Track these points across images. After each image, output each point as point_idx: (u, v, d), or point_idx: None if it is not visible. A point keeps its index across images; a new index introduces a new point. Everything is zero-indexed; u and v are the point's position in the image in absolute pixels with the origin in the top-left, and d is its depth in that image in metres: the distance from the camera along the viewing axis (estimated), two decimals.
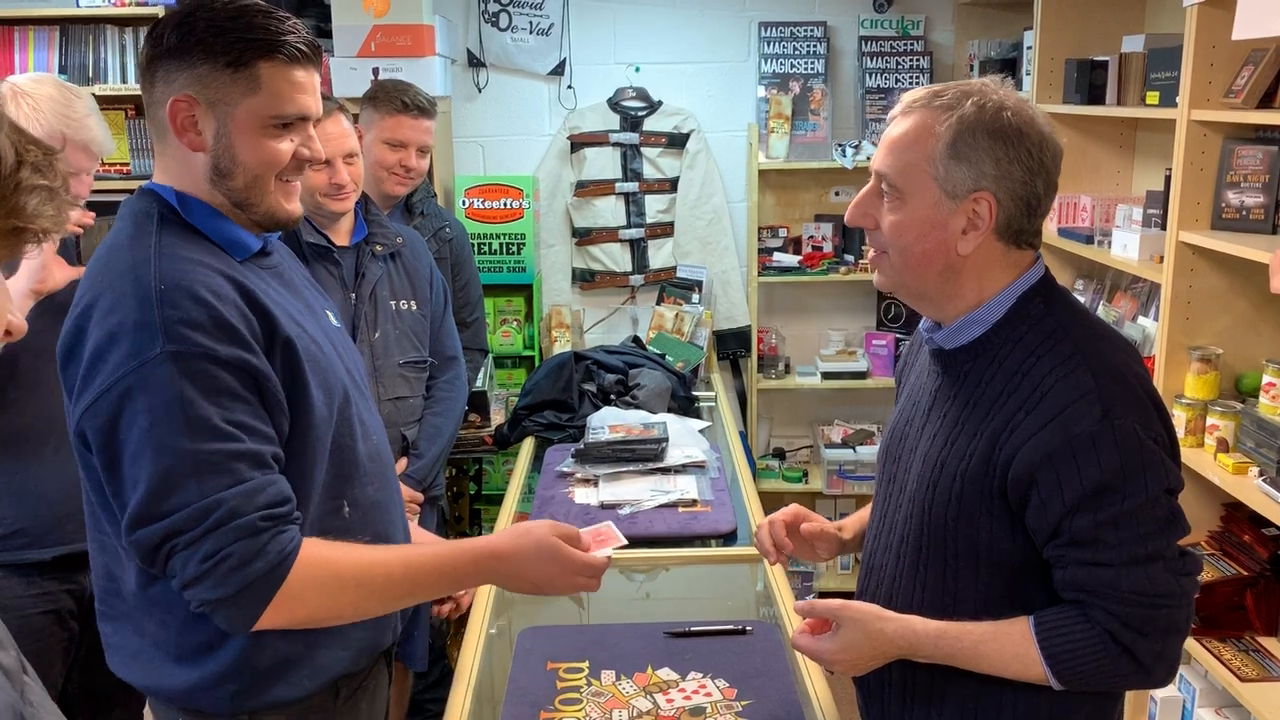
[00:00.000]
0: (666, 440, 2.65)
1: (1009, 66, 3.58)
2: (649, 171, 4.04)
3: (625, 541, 1.52)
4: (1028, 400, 1.28)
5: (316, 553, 1.32)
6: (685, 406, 3.24)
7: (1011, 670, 1.31)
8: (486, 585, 1.90)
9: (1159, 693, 2.50)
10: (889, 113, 1.39)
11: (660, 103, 4.01)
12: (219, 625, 1.32)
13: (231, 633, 1.34)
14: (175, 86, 1.34)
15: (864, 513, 1.73)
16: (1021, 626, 1.31)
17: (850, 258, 4.00)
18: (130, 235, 1.36)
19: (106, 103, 3.11)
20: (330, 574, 1.33)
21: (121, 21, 3.67)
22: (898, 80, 3.95)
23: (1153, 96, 2.67)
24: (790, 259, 4.02)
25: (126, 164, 3.70)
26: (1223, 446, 2.38)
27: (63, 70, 3.63)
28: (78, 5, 3.61)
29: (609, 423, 2.76)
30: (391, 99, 2.77)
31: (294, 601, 1.30)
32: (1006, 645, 1.30)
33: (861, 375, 4.03)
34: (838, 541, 1.66)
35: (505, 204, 3.85)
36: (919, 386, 1.48)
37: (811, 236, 4.06)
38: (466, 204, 3.83)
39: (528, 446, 3.02)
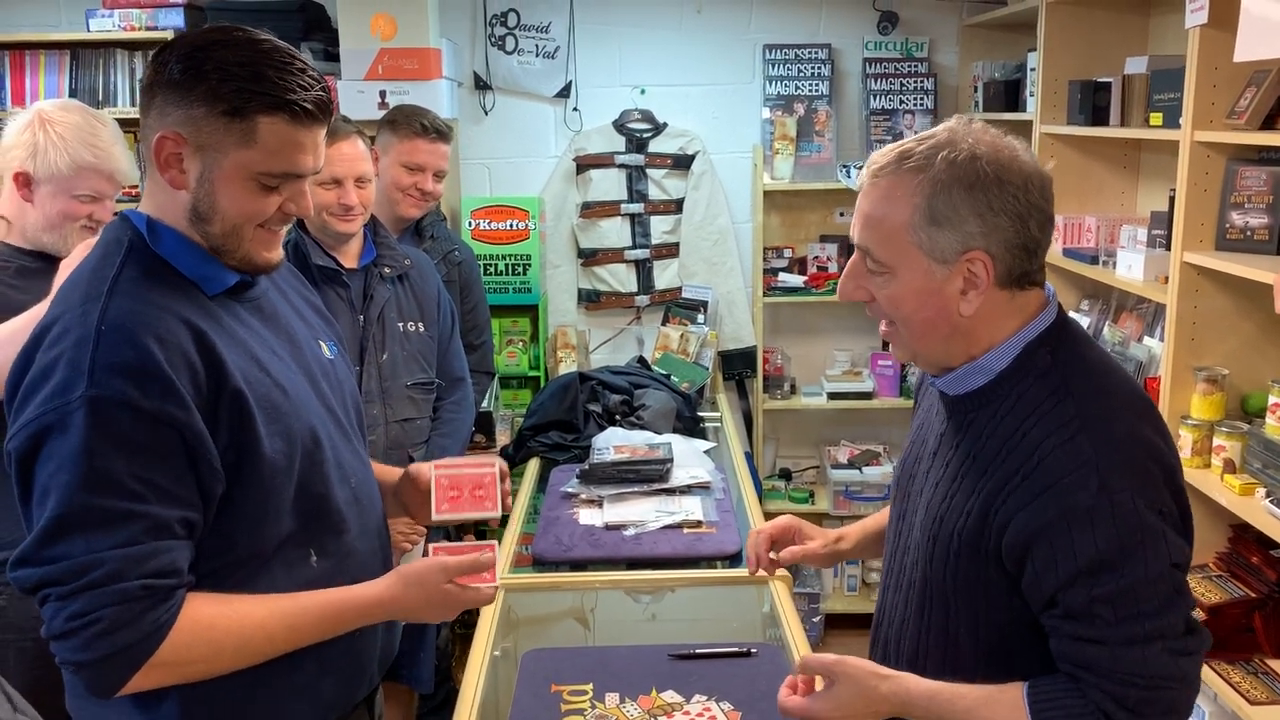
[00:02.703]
0: (671, 461, 2.65)
1: (1013, 88, 3.60)
2: (654, 193, 4.05)
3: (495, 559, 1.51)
4: (1024, 464, 1.22)
5: (196, 616, 1.27)
6: (690, 427, 3.24)
7: None
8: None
9: None
10: (858, 177, 1.30)
11: (665, 124, 4.03)
12: (82, 686, 1.27)
13: (92, 695, 1.28)
14: (168, 121, 1.28)
15: (869, 521, 1.72)
16: (1014, 694, 1.24)
17: None
18: (94, 266, 1.31)
19: None
20: (206, 640, 1.27)
21: (131, 45, 3.71)
22: (902, 102, 3.97)
23: (1156, 117, 2.68)
24: (795, 279, 4.03)
25: (135, 187, 3.72)
26: (1229, 467, 2.37)
27: (73, 94, 3.66)
28: (88, 29, 3.65)
29: (614, 443, 2.76)
30: (410, 122, 2.81)
31: (165, 668, 1.25)
32: (999, 712, 1.24)
33: (867, 395, 4.03)
34: (832, 554, 1.66)
35: (511, 225, 3.87)
36: (928, 423, 1.45)
37: (817, 257, 4.07)
38: (473, 225, 3.85)
39: (533, 467, 3.02)
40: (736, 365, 4.05)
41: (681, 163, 4.04)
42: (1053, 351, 1.28)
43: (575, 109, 4.05)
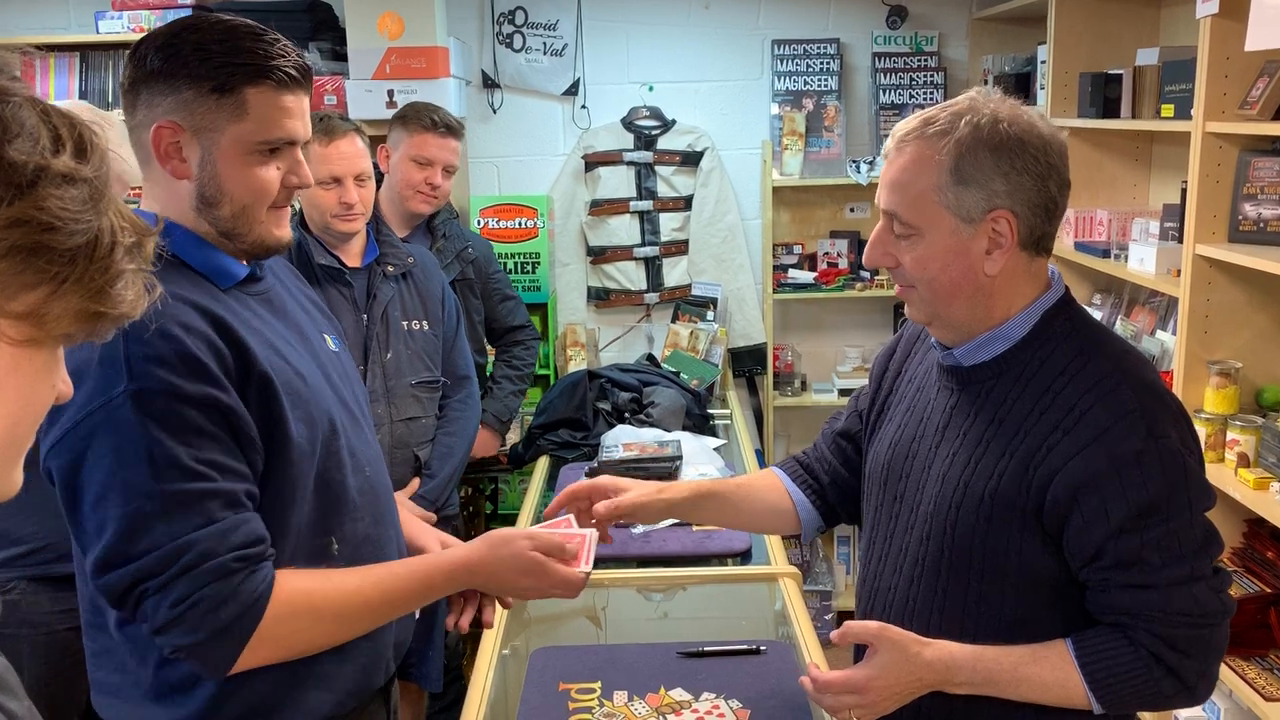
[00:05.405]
0: (681, 458, 2.64)
1: (1023, 81, 3.57)
2: (663, 190, 4.04)
3: (593, 550, 1.51)
4: (1064, 420, 1.26)
5: (292, 587, 1.29)
6: (700, 424, 3.23)
7: (1051, 695, 1.27)
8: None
9: (1182, 713, 2.46)
10: (882, 148, 1.35)
11: (674, 121, 4.02)
12: (195, 670, 1.28)
13: (207, 677, 1.29)
14: (159, 112, 1.30)
15: (702, 483, 1.71)
16: (1060, 649, 1.27)
17: (866, 274, 3.99)
18: None
19: None
20: (307, 608, 1.30)
21: None
22: (912, 96, 3.95)
23: (1168, 109, 2.66)
24: (806, 275, 4.02)
25: (138, 188, 3.73)
26: (1244, 461, 2.35)
27: (82, 95, 3.67)
28: (97, 31, 3.66)
29: (623, 441, 2.76)
30: (421, 117, 2.83)
31: (271, 641, 1.26)
32: (1046, 668, 1.27)
33: None
34: (660, 505, 1.61)
35: (520, 223, 3.87)
36: (924, 403, 1.45)
37: (827, 253, 4.05)
38: (481, 224, 3.85)
39: (542, 465, 3.02)
40: (746, 362, 4.04)
41: (690, 159, 4.02)
42: (1069, 319, 1.33)
43: (583, 106, 4.04)
